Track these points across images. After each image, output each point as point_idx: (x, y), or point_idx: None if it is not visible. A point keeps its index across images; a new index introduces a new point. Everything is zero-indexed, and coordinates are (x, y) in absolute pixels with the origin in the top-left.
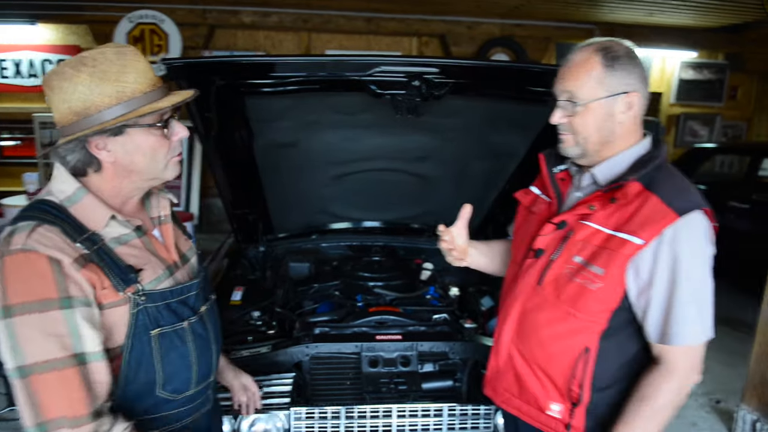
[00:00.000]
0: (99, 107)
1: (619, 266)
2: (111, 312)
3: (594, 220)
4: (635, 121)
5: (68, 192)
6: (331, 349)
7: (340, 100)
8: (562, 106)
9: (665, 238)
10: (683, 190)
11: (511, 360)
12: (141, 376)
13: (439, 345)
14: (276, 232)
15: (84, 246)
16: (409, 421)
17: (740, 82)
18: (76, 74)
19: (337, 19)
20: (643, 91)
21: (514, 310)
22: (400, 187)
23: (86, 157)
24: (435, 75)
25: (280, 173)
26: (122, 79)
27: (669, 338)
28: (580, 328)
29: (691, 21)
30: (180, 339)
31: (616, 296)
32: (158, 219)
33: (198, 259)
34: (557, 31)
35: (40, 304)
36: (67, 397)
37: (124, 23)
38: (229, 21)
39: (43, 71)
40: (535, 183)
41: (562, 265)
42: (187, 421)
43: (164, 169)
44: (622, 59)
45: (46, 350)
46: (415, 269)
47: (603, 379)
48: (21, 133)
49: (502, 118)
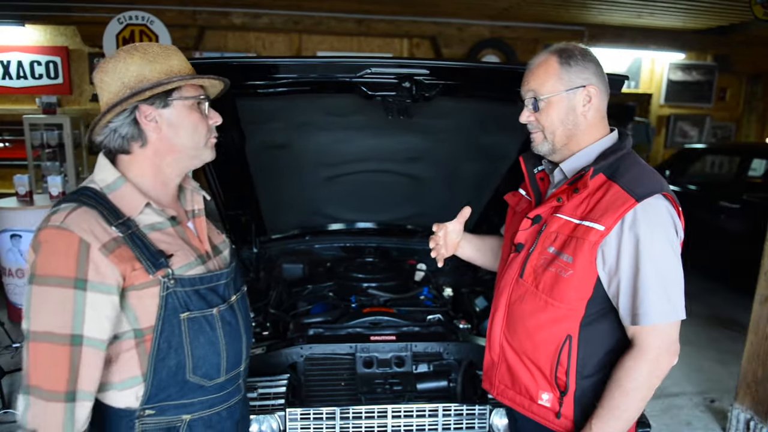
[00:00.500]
0: (150, 79)
1: (586, 253)
2: (143, 293)
3: (564, 212)
4: (597, 114)
5: (109, 180)
6: (326, 350)
7: (332, 102)
8: (528, 105)
9: (626, 222)
10: (644, 177)
11: (503, 352)
12: (171, 358)
13: (433, 345)
14: (269, 233)
15: (119, 230)
16: (404, 421)
17: (729, 84)
18: (130, 57)
19: (328, 20)
20: (600, 85)
21: (501, 303)
22: (393, 188)
23: (135, 129)
24: (425, 76)
25: (273, 175)
26: (169, 61)
27: (638, 318)
28: (560, 317)
29: (680, 23)
30: (209, 325)
31: (589, 283)
32: (192, 212)
33: (231, 252)
34: (546, 33)
35: (57, 280)
36: (49, 370)
37: (114, 24)
38: (219, 22)
39: (32, 73)
40: (522, 186)
41: (538, 256)
42: (219, 408)
43: (204, 146)
44: (577, 57)
45: (48, 322)
46: (409, 270)
47: (587, 366)
48: (10, 135)
49: (492, 119)
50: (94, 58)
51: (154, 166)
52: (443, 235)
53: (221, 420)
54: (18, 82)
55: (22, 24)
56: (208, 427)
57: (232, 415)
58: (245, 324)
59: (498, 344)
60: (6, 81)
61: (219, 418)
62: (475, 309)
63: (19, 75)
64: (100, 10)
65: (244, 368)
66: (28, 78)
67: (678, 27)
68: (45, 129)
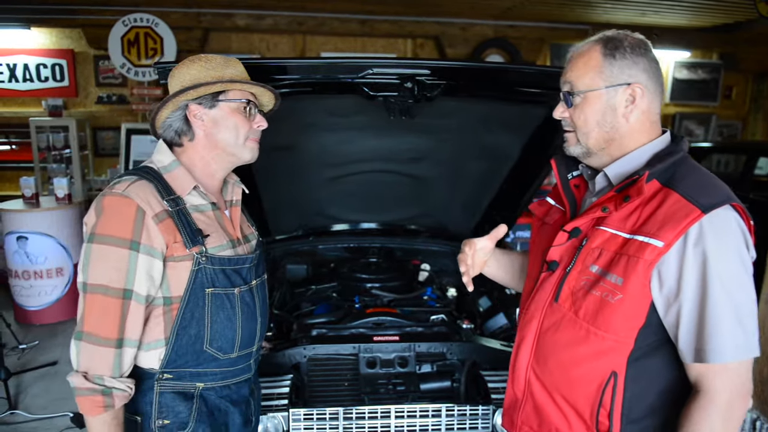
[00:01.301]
0: (202, 81)
1: (639, 274)
2: (178, 265)
3: (609, 224)
4: (645, 117)
5: (165, 162)
6: (329, 350)
7: (334, 103)
8: (563, 99)
9: (690, 238)
10: (708, 184)
11: (529, 387)
12: (192, 327)
13: (436, 346)
14: (273, 234)
15: (169, 204)
16: (408, 421)
17: (735, 82)
18: (192, 63)
19: (331, 21)
20: (651, 84)
21: (530, 330)
22: (396, 188)
23: (184, 125)
24: (427, 76)
25: (276, 176)
26: (224, 70)
27: (704, 355)
28: (604, 349)
29: (684, 21)
30: (230, 302)
31: (642, 310)
32: (230, 202)
33: (257, 243)
34: (551, 32)
35: (115, 240)
36: (102, 319)
37: (119, 27)
38: (223, 24)
39: (38, 75)
40: (551, 194)
41: (577, 276)
42: (229, 381)
43: (243, 146)
44: (625, 49)
45: (105, 276)
46: (413, 270)
47: (636, 409)
48: (17, 138)
49: (495, 119)
50: (100, 61)
51: (202, 158)
52: (472, 254)
53: (230, 393)
54: (24, 85)
55: (28, 27)
56: (219, 398)
57: (240, 390)
58: (262, 308)
59: (523, 379)
60: (12, 84)
61: (228, 391)
62: (479, 309)
63: (26, 78)
64: (105, 13)
65: (257, 349)
66: (34, 81)
67: (683, 25)
68: (51, 131)
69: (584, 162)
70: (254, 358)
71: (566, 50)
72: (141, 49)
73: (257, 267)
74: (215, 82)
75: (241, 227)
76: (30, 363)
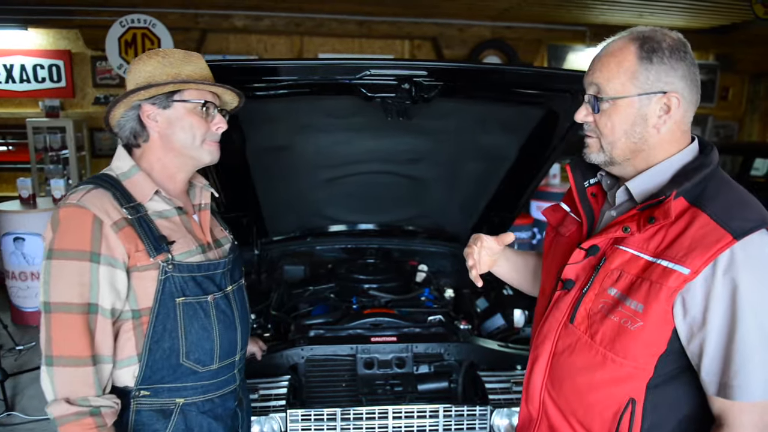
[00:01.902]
0: (156, 80)
1: (662, 301)
2: (143, 275)
3: (630, 244)
4: (677, 128)
5: (124, 168)
6: (327, 351)
7: (332, 104)
8: (588, 102)
9: (720, 266)
10: (741, 205)
11: (544, 408)
12: (165, 341)
13: (434, 346)
14: (270, 235)
15: (128, 212)
16: (405, 422)
17: (731, 83)
18: (149, 59)
19: (329, 22)
20: (688, 93)
21: (544, 351)
22: (394, 189)
23: (138, 125)
24: (424, 78)
25: (274, 176)
26: (182, 67)
27: (731, 392)
28: (622, 376)
29: (681, 22)
30: (203, 311)
31: (663, 338)
32: (199, 206)
33: (231, 247)
34: (548, 33)
35: (74, 253)
36: (71, 339)
37: (116, 28)
38: (221, 25)
39: (35, 76)
40: (565, 199)
41: (594, 299)
42: (212, 395)
43: (200, 148)
44: (663, 52)
45: (66, 293)
46: (410, 271)
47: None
48: (14, 139)
49: (492, 120)
50: (97, 62)
51: (159, 160)
52: (479, 249)
53: (214, 407)
54: (21, 86)
55: (25, 28)
56: (201, 413)
57: (226, 403)
58: (241, 314)
59: (538, 399)
60: (9, 85)
61: (212, 405)
62: (477, 310)
63: (23, 78)
64: (103, 14)
65: (240, 358)
66: (31, 81)
67: (679, 26)
68: (48, 132)
69: (605, 170)
70: (238, 368)
71: (563, 51)
72: (138, 49)
73: (232, 272)
74: (168, 83)
75: (212, 231)
76: (27, 364)
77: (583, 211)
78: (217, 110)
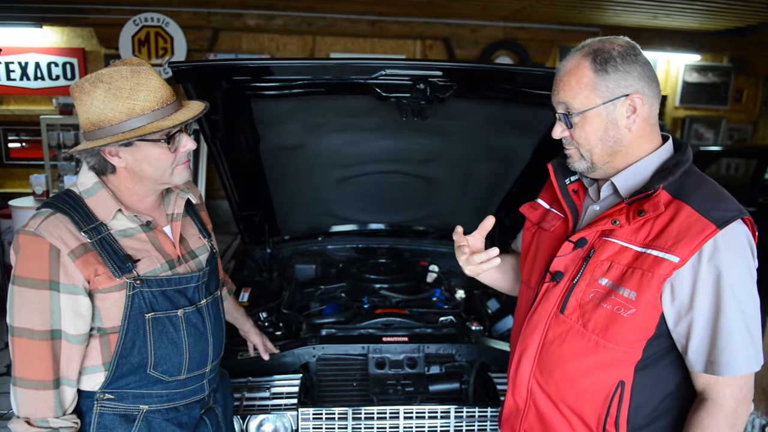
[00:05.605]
0: (111, 121)
1: (653, 288)
2: (106, 296)
3: (618, 236)
4: (645, 124)
5: (87, 185)
6: (338, 350)
7: (345, 103)
8: (560, 119)
9: (704, 254)
10: (719, 197)
11: (532, 397)
12: (134, 356)
13: (445, 347)
14: (282, 234)
15: (87, 235)
16: (416, 422)
17: (745, 85)
18: (93, 89)
19: (341, 22)
20: (648, 89)
21: (532, 341)
22: (406, 189)
23: (101, 162)
24: (439, 78)
25: (286, 176)
26: (134, 96)
27: (717, 368)
28: (612, 360)
29: (696, 24)
30: (173, 326)
31: (652, 322)
32: (171, 216)
33: (209, 257)
34: (560, 34)
35: (33, 282)
36: (31, 363)
37: (129, 26)
38: (233, 24)
39: (49, 74)
40: (543, 195)
41: (585, 289)
42: (177, 404)
43: (171, 175)
44: (615, 60)
45: (28, 320)
46: (421, 271)
47: (641, 415)
48: (28, 135)
49: (506, 120)
50: (110, 60)
51: (127, 188)
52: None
53: (179, 415)
54: (35, 83)
55: (40, 26)
56: (165, 420)
57: (191, 412)
58: (214, 327)
59: (525, 389)
60: (24, 82)
61: (176, 414)
62: (488, 311)
63: (37, 76)
64: (117, 12)
65: (211, 369)
66: (45, 79)
67: (694, 28)
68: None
69: (588, 176)
70: (208, 378)
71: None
72: (151, 48)
73: (208, 284)
74: (125, 131)
75: (188, 242)
76: None
77: (568, 206)
78: (181, 131)
